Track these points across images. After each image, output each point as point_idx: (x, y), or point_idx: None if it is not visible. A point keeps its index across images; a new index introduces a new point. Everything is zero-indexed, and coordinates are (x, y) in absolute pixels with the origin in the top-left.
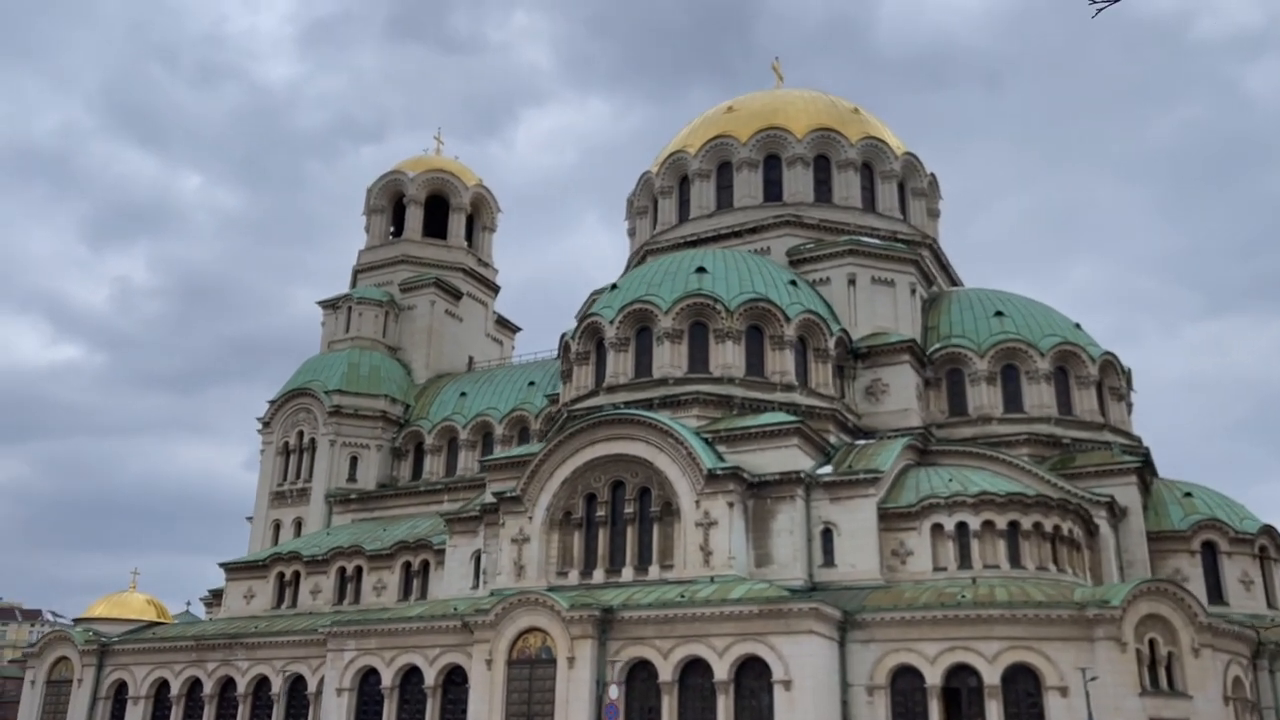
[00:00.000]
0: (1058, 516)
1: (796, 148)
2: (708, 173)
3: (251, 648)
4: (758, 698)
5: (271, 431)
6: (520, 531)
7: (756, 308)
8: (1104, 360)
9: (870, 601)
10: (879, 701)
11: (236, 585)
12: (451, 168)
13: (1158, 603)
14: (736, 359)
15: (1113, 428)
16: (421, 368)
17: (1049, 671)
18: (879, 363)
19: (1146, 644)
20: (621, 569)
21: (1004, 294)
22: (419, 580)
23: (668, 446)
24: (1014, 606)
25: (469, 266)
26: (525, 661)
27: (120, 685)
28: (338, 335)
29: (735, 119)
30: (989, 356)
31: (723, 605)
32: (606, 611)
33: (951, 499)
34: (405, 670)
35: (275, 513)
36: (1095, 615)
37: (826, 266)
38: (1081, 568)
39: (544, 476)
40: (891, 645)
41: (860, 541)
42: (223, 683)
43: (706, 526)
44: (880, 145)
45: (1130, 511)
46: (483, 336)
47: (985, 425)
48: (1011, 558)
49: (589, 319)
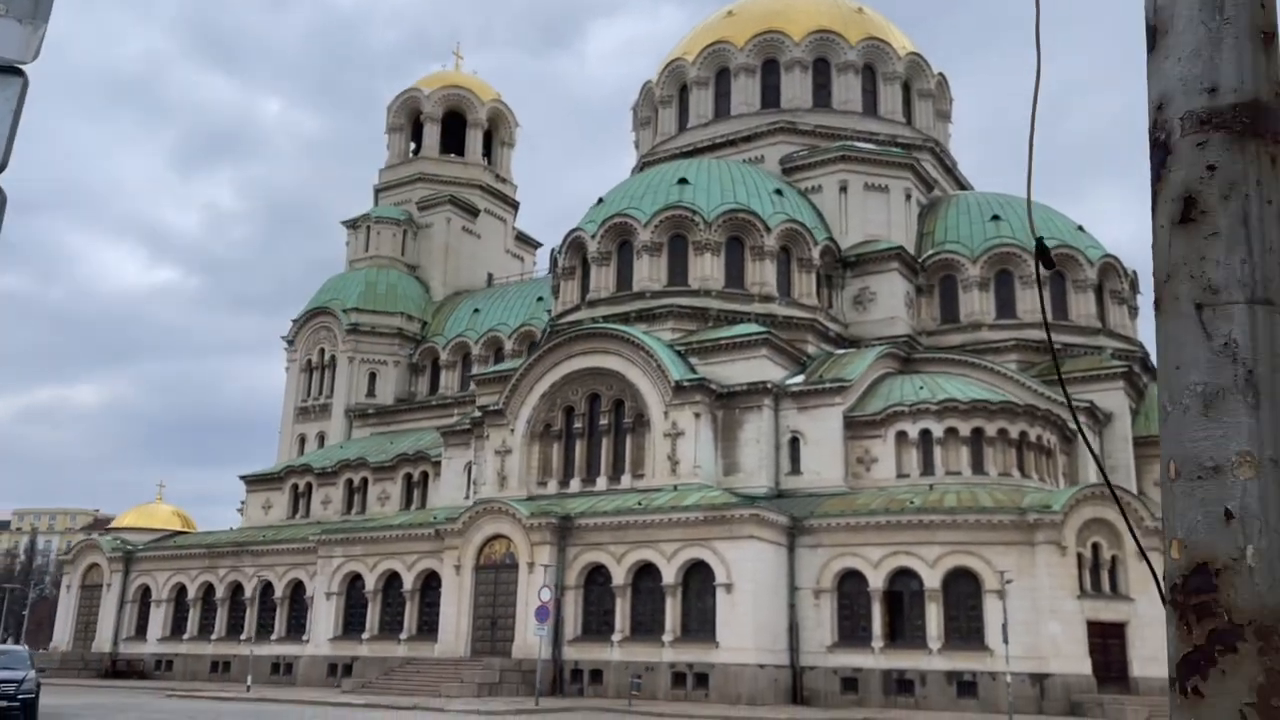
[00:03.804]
0: (1025, 423)
1: (794, 51)
2: (705, 80)
3: (257, 555)
4: (703, 600)
5: (295, 349)
6: (503, 443)
7: (736, 218)
8: (1104, 263)
9: (820, 508)
10: (825, 604)
11: (256, 496)
12: (468, 83)
13: (1102, 507)
14: (715, 271)
15: (1110, 332)
16: (439, 285)
17: (989, 575)
18: (867, 271)
19: (1089, 548)
20: (596, 479)
21: (1005, 197)
22: (419, 491)
23: (639, 359)
24: (956, 512)
25: (486, 183)
26: (491, 566)
27: (145, 589)
28: (358, 254)
29: (734, 23)
30: (982, 262)
31: (671, 512)
32: (565, 519)
33: (915, 406)
34: (387, 575)
35: (300, 427)
36: (1036, 520)
37: (818, 174)
38: (1053, 474)
39: (524, 390)
40: (838, 550)
41: (826, 450)
42: (233, 588)
43: (674, 436)
44: (882, 46)
45: (1116, 416)
46: (502, 253)
47: (975, 332)
48: (975, 464)
49: (573, 234)
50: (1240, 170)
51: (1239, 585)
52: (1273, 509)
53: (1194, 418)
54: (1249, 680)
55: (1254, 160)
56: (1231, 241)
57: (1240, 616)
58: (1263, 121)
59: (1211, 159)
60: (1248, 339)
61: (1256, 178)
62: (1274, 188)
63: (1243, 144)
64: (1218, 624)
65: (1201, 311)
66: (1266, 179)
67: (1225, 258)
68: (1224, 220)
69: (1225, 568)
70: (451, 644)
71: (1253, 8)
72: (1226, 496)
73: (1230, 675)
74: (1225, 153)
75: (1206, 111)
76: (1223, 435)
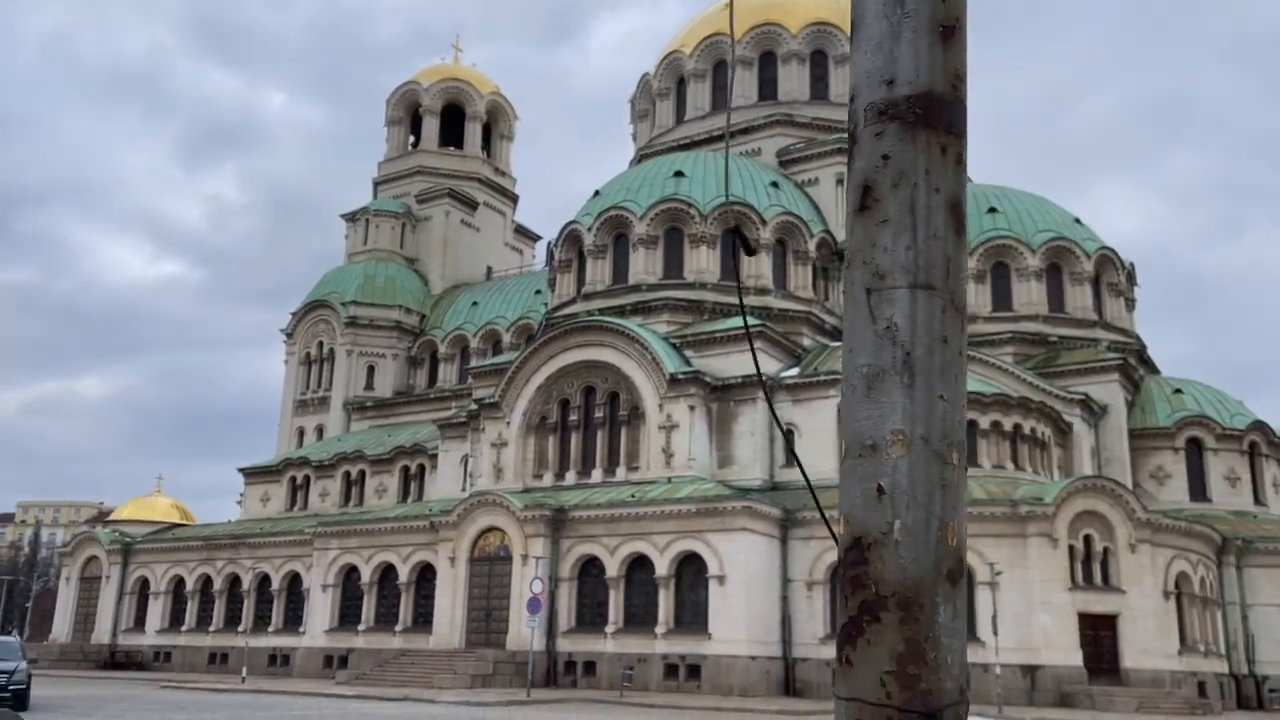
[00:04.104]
0: (1019, 415)
1: (791, 44)
2: (703, 73)
3: (255, 547)
4: (696, 591)
5: (294, 342)
6: (499, 436)
7: (732, 211)
8: (1101, 255)
9: (812, 501)
10: (818, 596)
11: (254, 489)
12: (467, 76)
13: (1094, 499)
14: (710, 264)
15: (1107, 324)
16: (438, 278)
17: (980, 567)
18: None
19: (1081, 540)
20: (592, 471)
21: (1002, 189)
22: (416, 483)
23: (634, 352)
24: None
25: (485, 176)
26: (486, 559)
27: (144, 581)
28: (357, 247)
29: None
30: (978, 254)
31: (664, 504)
32: (559, 511)
33: None
34: (383, 568)
35: (299, 420)
36: (1028, 512)
37: (815, 166)
38: (1048, 467)
39: (520, 383)
40: (830, 542)
41: (820, 442)
42: (230, 579)
43: (668, 429)
44: None
45: (1112, 409)
46: (501, 246)
47: (971, 324)
48: (969, 457)
49: (570, 227)
50: (911, 160)
51: (886, 558)
52: (921, 485)
53: (859, 398)
54: (890, 649)
55: (924, 150)
56: (899, 228)
57: (885, 588)
58: (935, 113)
59: (886, 149)
60: (908, 322)
61: (926, 167)
62: (943, 176)
63: (915, 134)
64: (867, 595)
65: (870, 296)
66: (936, 168)
67: (892, 244)
68: (893, 208)
69: (875, 542)
70: (446, 636)
71: (933, 2)
72: (880, 473)
73: (874, 644)
74: (898, 143)
75: (884, 103)
76: (880, 415)
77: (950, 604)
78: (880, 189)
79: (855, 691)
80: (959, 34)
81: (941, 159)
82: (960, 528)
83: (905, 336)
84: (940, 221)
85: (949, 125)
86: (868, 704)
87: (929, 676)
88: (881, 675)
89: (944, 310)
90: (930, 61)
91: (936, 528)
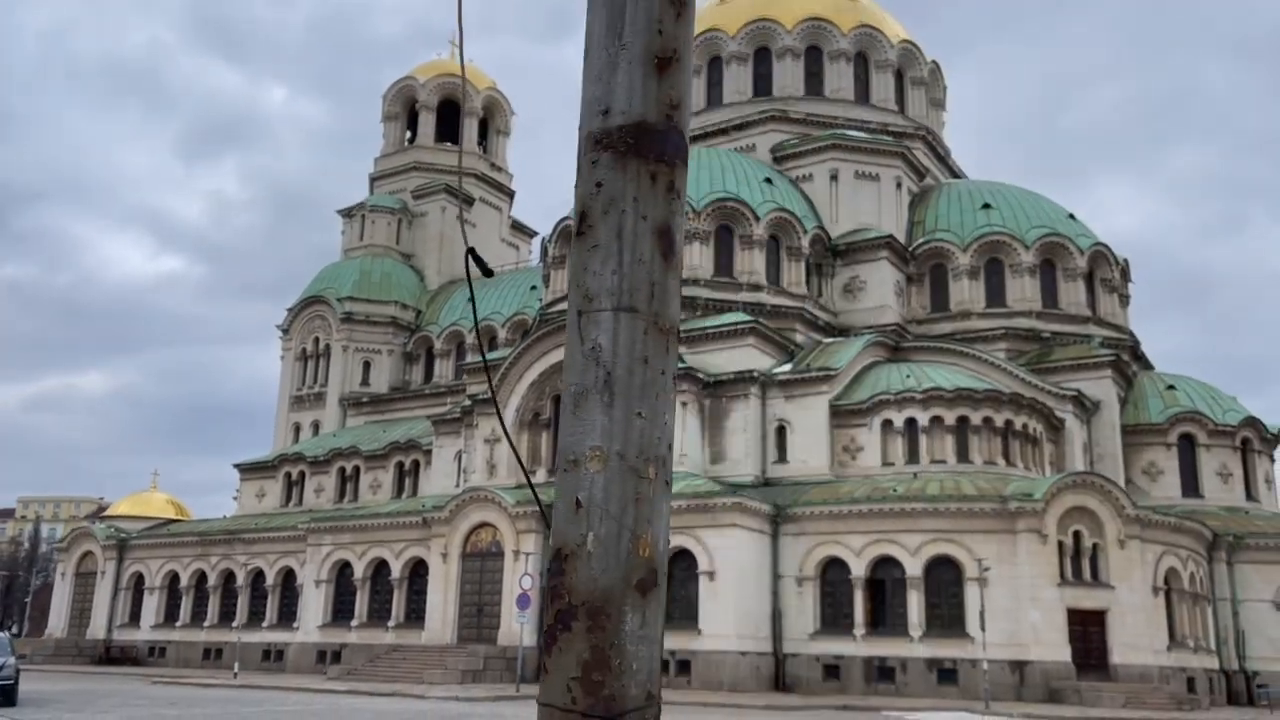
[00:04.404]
0: (1010, 411)
1: (786, 39)
2: (698, 69)
3: (249, 543)
4: (686, 587)
5: (290, 338)
6: (492, 432)
7: (725, 207)
8: (1094, 251)
9: (803, 497)
10: (808, 592)
11: (250, 485)
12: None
13: (1084, 495)
14: (703, 260)
15: (1100, 320)
16: (434, 274)
17: (970, 563)
18: (857, 259)
19: (1071, 536)
20: None
21: (997, 185)
22: (411, 479)
23: None
24: (938, 500)
25: (481, 172)
26: (478, 554)
27: (139, 577)
28: (353, 243)
29: (725, 11)
30: (972, 250)
31: None
32: (549, 507)
33: (901, 395)
34: (375, 563)
35: (295, 415)
36: (1017, 508)
37: (809, 162)
38: (1040, 463)
39: (513, 379)
40: (821, 538)
41: (812, 438)
42: (225, 575)
43: None
44: (875, 34)
45: (1104, 405)
46: (497, 241)
47: (965, 320)
48: (960, 453)
49: (563, 222)
50: (620, 187)
51: (579, 569)
52: (615, 499)
53: (567, 415)
54: (578, 656)
55: (634, 178)
56: (607, 253)
57: (577, 598)
58: (647, 142)
59: (599, 177)
60: (611, 343)
61: (634, 195)
62: (651, 204)
63: (625, 163)
64: (561, 605)
65: (580, 318)
66: (644, 196)
67: (600, 268)
68: (603, 234)
69: (571, 554)
70: (438, 631)
71: (649, 35)
72: (579, 487)
73: (564, 652)
74: (610, 171)
75: (600, 132)
76: (582, 432)
77: (639, 613)
78: (593, 215)
79: (547, 697)
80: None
81: (651, 187)
82: (655, 540)
83: (608, 357)
84: (647, 247)
85: (660, 154)
86: (556, 709)
87: (613, 683)
88: (568, 681)
89: (646, 332)
90: (644, 93)
91: (628, 540)
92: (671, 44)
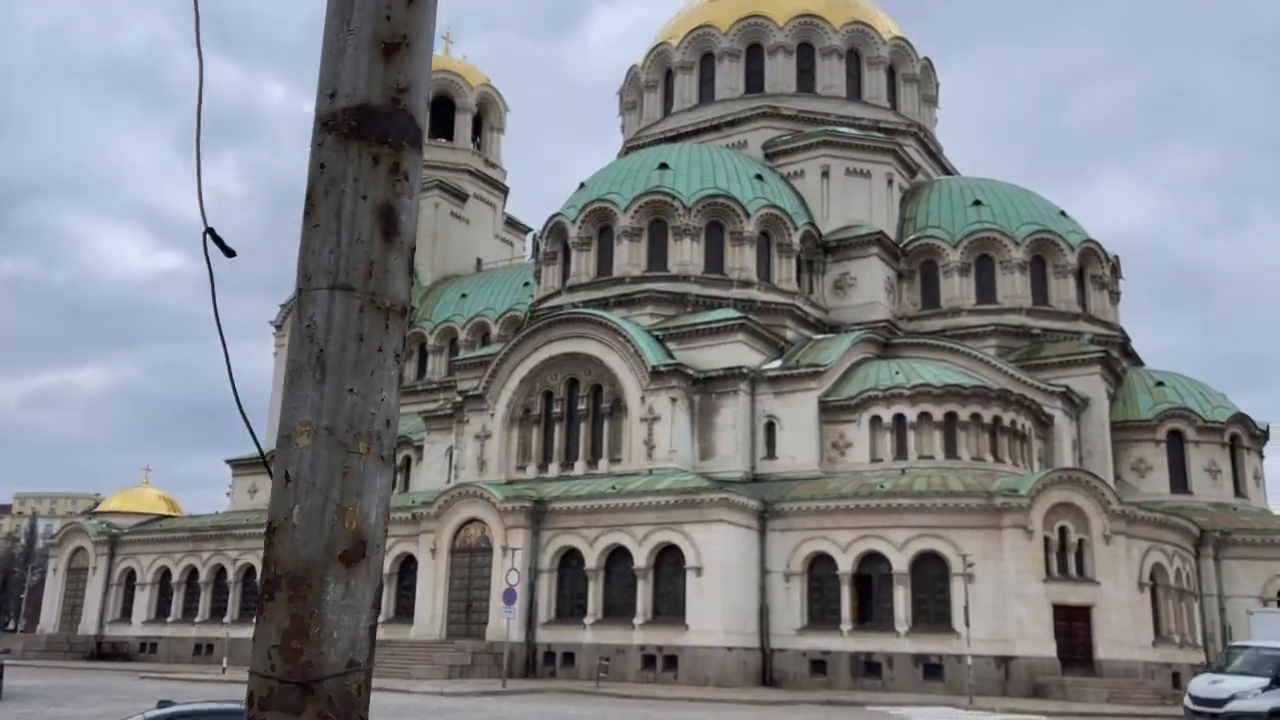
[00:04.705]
0: (999, 408)
1: (778, 36)
2: (690, 65)
3: (240, 539)
4: (674, 583)
5: (283, 334)
6: (483, 428)
7: (716, 203)
8: (1085, 248)
9: (791, 493)
10: (795, 587)
11: (241, 480)
12: (457, 68)
13: (1070, 491)
14: (694, 256)
15: (1091, 317)
16: (427, 270)
17: (956, 559)
18: (847, 256)
19: (1056, 532)
20: (574, 463)
21: (988, 182)
22: (402, 475)
23: (617, 344)
24: (925, 496)
25: (475, 168)
26: (467, 550)
27: (130, 573)
28: None
29: (717, 8)
30: (962, 247)
31: (642, 496)
32: (538, 503)
33: (889, 391)
34: None
35: None
36: (1003, 504)
37: (800, 159)
38: (1028, 459)
39: (504, 375)
40: (808, 534)
41: (801, 434)
42: (216, 571)
43: (650, 421)
44: (867, 30)
45: (1093, 401)
46: (491, 238)
47: (955, 317)
48: (948, 449)
49: (555, 219)
50: (341, 169)
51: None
52: (321, 472)
53: (286, 393)
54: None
55: (356, 160)
56: (326, 233)
57: (282, 569)
58: (370, 124)
59: (324, 158)
60: (325, 321)
61: (355, 175)
62: (372, 185)
63: (347, 145)
64: (269, 576)
65: (301, 296)
66: (365, 177)
67: (319, 247)
68: (324, 214)
69: (280, 526)
70: (427, 627)
71: (376, 20)
72: (290, 462)
73: (269, 621)
74: (333, 152)
75: (326, 115)
76: (295, 408)
77: (343, 583)
78: (316, 196)
79: (254, 665)
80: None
81: (373, 168)
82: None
83: (321, 335)
84: (366, 226)
85: (384, 135)
86: (259, 676)
87: (310, 650)
88: (269, 649)
89: (363, 310)
90: (369, 76)
91: (334, 513)
92: (401, 29)
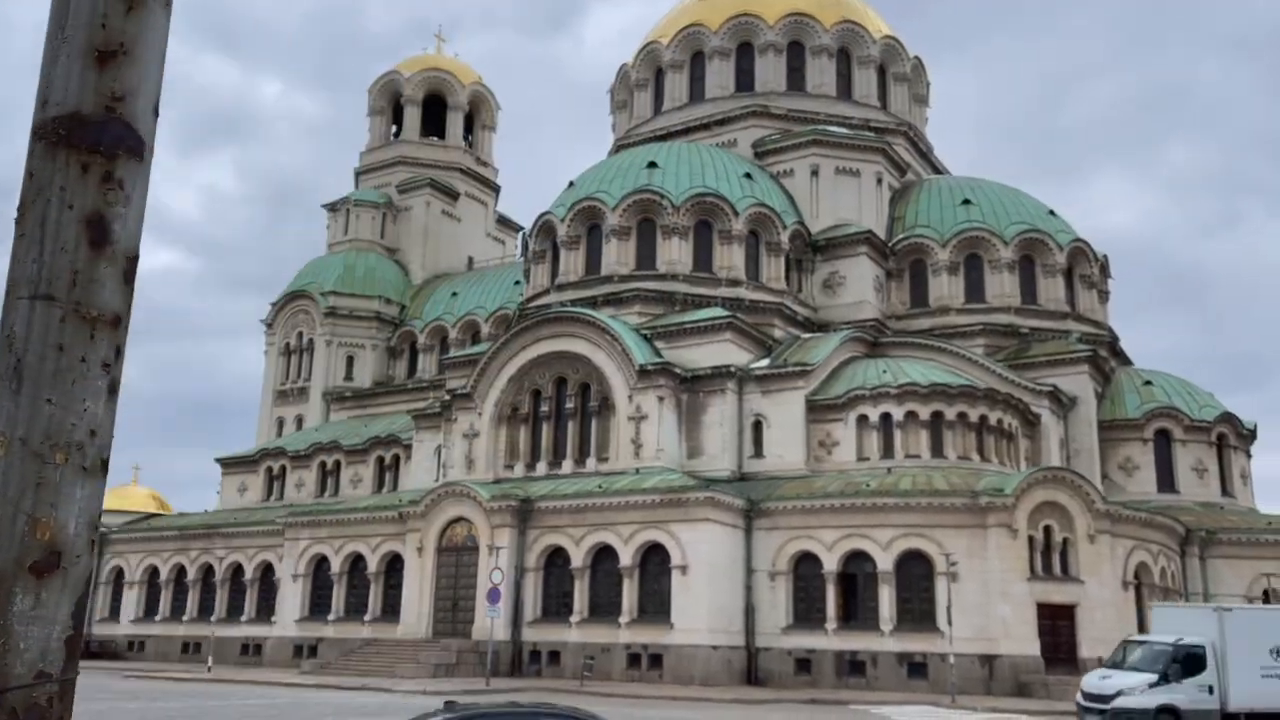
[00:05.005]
0: (985, 407)
1: (768, 34)
2: (680, 64)
3: (228, 537)
4: (659, 582)
5: (274, 332)
6: (471, 427)
7: (704, 202)
8: (1074, 247)
9: (777, 492)
10: (780, 586)
11: (231, 479)
12: (449, 66)
13: (1054, 490)
14: (683, 255)
15: (1079, 316)
16: (418, 268)
17: (940, 558)
18: (836, 255)
19: (1041, 531)
20: (562, 462)
21: (977, 181)
22: (391, 474)
23: (604, 343)
24: (910, 495)
25: (466, 166)
26: (453, 549)
27: (119, 571)
28: (337, 238)
29: (708, 6)
30: (951, 246)
31: (628, 495)
32: (525, 502)
33: (876, 390)
34: (352, 558)
35: (279, 410)
36: (988, 503)
37: (790, 158)
38: (1015, 458)
39: (492, 374)
40: (794, 533)
41: (788, 433)
42: (204, 569)
43: (638, 420)
44: (857, 29)
45: (1081, 401)
46: (483, 236)
47: (943, 316)
48: (934, 448)
49: (544, 217)
50: (48, 177)
51: None
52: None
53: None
54: None
55: (63, 168)
56: (31, 242)
57: None
58: (79, 133)
59: (32, 167)
60: (24, 330)
61: (62, 184)
62: (80, 193)
63: (55, 153)
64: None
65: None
66: (73, 185)
67: (24, 256)
68: (31, 223)
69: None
70: (413, 625)
71: (91, 29)
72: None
73: None
74: (40, 161)
75: (38, 123)
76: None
77: (33, 594)
78: (26, 205)
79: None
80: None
81: (82, 177)
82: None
83: (20, 345)
84: (71, 236)
85: (95, 144)
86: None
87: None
88: None
89: (65, 320)
90: (81, 84)
91: (24, 523)
92: (118, 37)
